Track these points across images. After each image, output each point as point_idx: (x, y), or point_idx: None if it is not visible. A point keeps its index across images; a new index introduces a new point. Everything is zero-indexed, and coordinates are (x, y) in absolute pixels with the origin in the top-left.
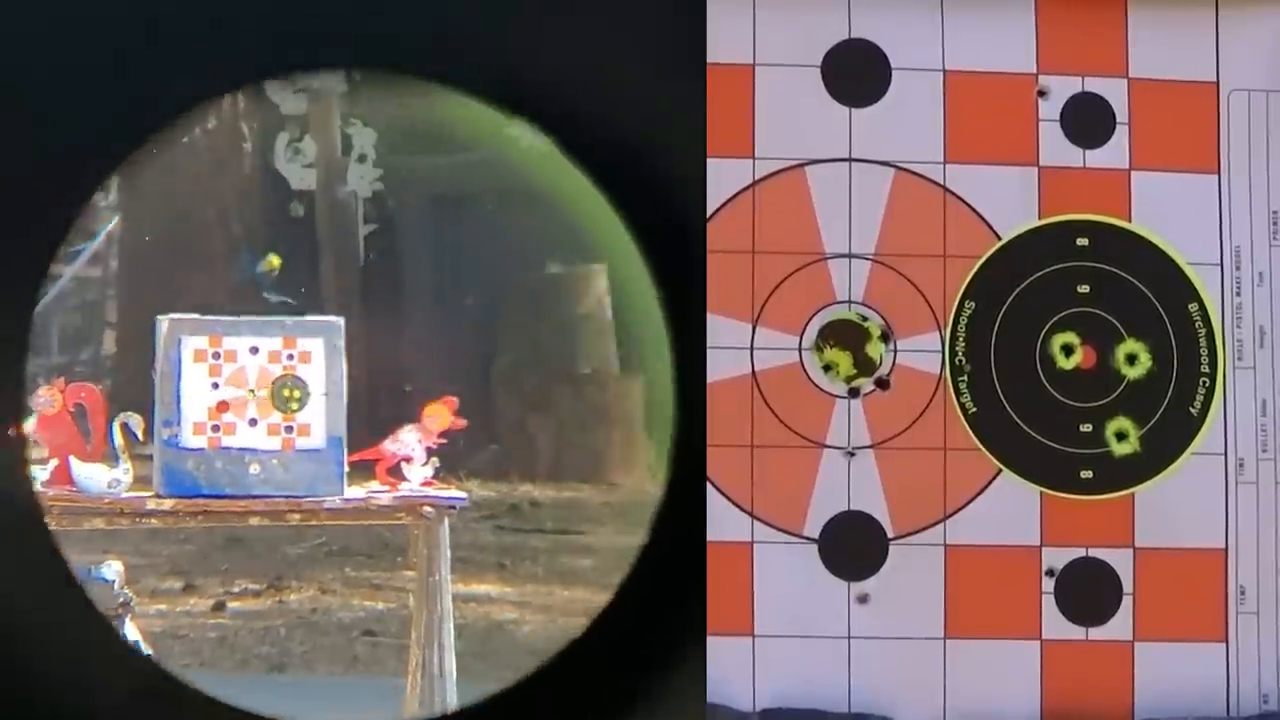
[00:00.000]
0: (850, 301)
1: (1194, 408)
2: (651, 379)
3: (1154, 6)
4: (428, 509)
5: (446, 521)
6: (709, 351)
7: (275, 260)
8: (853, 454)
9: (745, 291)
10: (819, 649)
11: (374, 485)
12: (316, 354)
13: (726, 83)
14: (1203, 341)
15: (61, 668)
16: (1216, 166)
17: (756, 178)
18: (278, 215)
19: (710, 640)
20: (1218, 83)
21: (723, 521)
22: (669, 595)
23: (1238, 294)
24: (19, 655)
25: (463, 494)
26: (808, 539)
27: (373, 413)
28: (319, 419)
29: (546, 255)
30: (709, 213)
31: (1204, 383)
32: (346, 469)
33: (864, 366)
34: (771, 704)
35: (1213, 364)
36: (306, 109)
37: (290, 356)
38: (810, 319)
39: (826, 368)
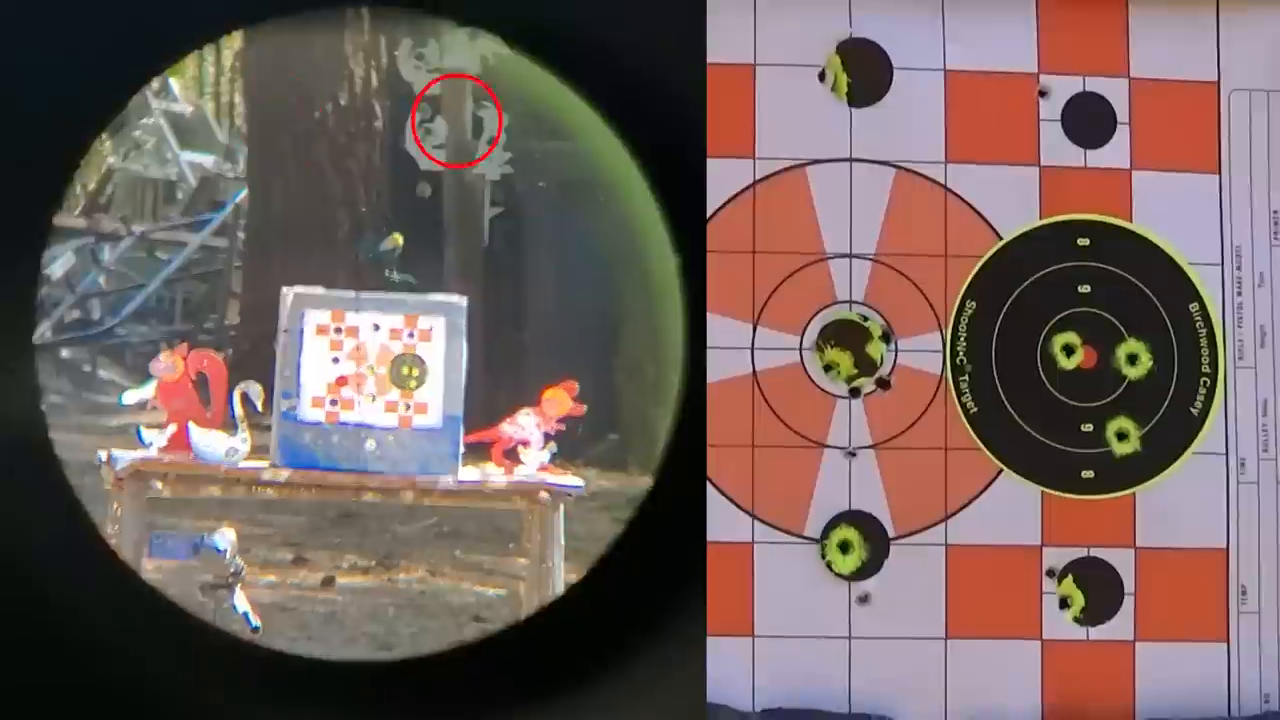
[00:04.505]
0: (851, 301)
1: (1195, 407)
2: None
3: (1155, 6)
4: (544, 494)
5: (562, 508)
6: (709, 351)
7: (399, 239)
8: (854, 454)
9: (745, 291)
10: (819, 649)
11: (489, 467)
12: (437, 333)
13: (726, 83)
14: (1203, 341)
15: (73, 601)
16: (1217, 166)
17: (757, 178)
18: (405, 195)
19: (710, 640)
20: (1218, 83)
21: (723, 521)
22: (669, 595)
23: (1238, 294)
24: (21, 583)
25: (580, 481)
26: (808, 539)
27: (491, 394)
28: (437, 398)
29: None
30: (709, 213)
31: (1205, 382)
32: (462, 449)
33: (865, 366)
34: (772, 704)
35: (1213, 364)
36: (440, 90)
37: (411, 334)
38: (811, 319)
39: (827, 368)
